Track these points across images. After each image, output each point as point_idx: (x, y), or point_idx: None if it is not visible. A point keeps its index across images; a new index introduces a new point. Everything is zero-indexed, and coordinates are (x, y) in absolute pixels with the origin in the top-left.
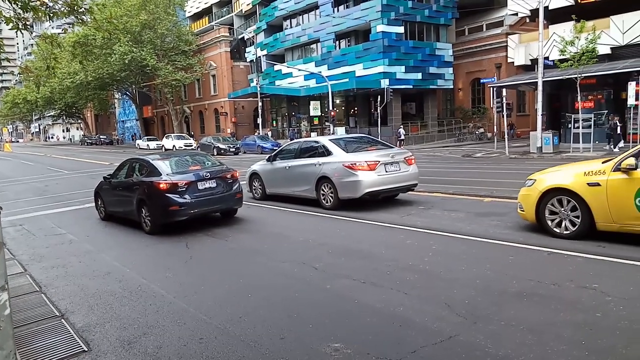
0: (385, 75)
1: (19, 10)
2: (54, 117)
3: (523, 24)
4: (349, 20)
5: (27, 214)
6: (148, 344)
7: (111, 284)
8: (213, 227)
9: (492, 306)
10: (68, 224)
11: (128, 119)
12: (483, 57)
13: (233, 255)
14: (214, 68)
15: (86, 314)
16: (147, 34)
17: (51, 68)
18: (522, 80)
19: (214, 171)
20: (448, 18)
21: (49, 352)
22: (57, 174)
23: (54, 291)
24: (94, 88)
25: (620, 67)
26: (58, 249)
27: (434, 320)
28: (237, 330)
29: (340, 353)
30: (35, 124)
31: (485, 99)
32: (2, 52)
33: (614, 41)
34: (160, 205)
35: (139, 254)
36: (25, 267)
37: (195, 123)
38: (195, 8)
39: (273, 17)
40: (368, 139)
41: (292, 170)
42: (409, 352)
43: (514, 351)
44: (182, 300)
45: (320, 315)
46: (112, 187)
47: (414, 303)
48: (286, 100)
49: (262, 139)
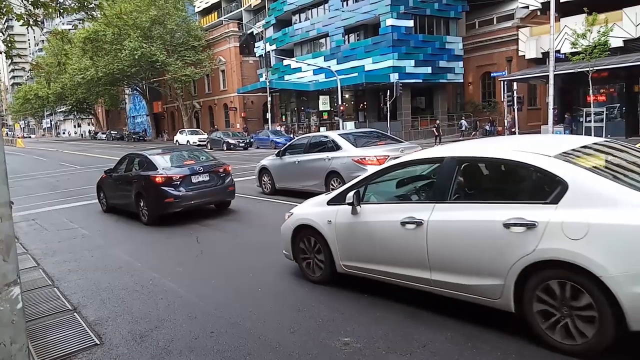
0: (395, 69)
1: (29, 7)
2: (65, 112)
3: (534, 17)
4: (358, 14)
5: (40, 208)
6: (159, 337)
7: (123, 278)
8: (223, 222)
9: None
10: (80, 219)
11: (138, 115)
12: (494, 51)
13: (243, 250)
14: (223, 63)
15: (98, 308)
16: (156, 29)
17: (62, 64)
18: (533, 74)
19: (207, 165)
20: (458, 11)
21: (61, 346)
22: (68, 169)
23: (67, 285)
24: (104, 84)
25: (633, 60)
26: (70, 243)
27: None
28: (247, 324)
29: (350, 347)
30: (46, 120)
31: (495, 93)
32: (13, 48)
33: (627, 34)
34: (156, 197)
35: (150, 248)
36: (38, 262)
37: (205, 118)
38: (204, 3)
39: (282, 11)
40: (377, 134)
41: (301, 165)
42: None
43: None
44: (193, 295)
45: (330, 309)
46: (112, 181)
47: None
48: (295, 95)
49: (276, 134)
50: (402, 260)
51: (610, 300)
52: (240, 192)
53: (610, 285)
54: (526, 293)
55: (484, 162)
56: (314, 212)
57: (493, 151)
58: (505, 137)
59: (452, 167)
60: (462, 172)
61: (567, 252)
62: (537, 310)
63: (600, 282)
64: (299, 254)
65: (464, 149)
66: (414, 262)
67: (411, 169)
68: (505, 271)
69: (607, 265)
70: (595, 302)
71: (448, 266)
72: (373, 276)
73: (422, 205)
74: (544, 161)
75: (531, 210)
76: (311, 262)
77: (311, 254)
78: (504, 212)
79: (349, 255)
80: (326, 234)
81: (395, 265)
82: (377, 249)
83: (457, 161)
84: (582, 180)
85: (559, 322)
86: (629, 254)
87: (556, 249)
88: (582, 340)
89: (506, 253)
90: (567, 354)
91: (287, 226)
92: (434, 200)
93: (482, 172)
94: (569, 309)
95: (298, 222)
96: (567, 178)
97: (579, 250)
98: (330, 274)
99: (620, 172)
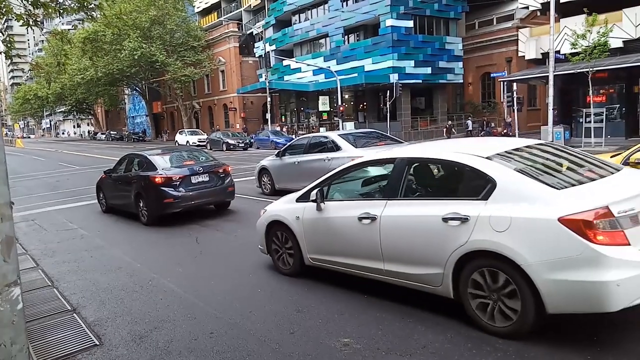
0: (395, 69)
1: (29, 7)
2: (64, 113)
3: (534, 18)
4: (357, 14)
5: (39, 209)
6: (159, 338)
7: (122, 279)
8: (222, 222)
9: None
10: (79, 219)
11: (138, 115)
12: (493, 51)
13: (242, 250)
14: (223, 63)
15: (98, 309)
16: (156, 29)
17: (62, 64)
18: (533, 75)
19: (207, 166)
20: (458, 12)
21: (61, 346)
22: (68, 169)
23: (66, 286)
24: (104, 84)
25: (632, 61)
26: (69, 243)
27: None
28: (247, 324)
29: (349, 348)
30: (46, 120)
31: (495, 94)
32: (13, 48)
33: (627, 34)
34: (155, 198)
35: (149, 249)
36: (37, 262)
37: (205, 118)
38: (204, 3)
39: (282, 12)
40: (377, 134)
41: (301, 166)
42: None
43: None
44: (193, 295)
45: (330, 310)
46: (112, 181)
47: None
48: (295, 96)
49: (276, 134)
50: (360, 252)
51: (530, 286)
52: (239, 192)
53: (529, 273)
54: (462, 280)
55: (429, 163)
56: (285, 209)
57: (436, 152)
58: (460, 139)
59: (403, 167)
60: (411, 171)
61: (493, 243)
62: (470, 296)
63: (521, 270)
64: (271, 248)
65: (413, 151)
66: (369, 253)
67: (372, 168)
68: (444, 261)
69: (526, 255)
70: (517, 288)
71: (397, 257)
72: (336, 268)
73: (377, 202)
74: (477, 162)
75: (465, 206)
76: (282, 256)
77: (282, 248)
78: (444, 208)
79: (314, 249)
80: (295, 229)
81: (354, 257)
82: (338, 242)
83: (406, 162)
84: (508, 178)
85: (489, 306)
86: (543, 244)
87: (484, 240)
88: (508, 323)
89: (445, 244)
90: (497, 335)
91: (261, 222)
92: (387, 197)
93: (428, 171)
94: (496, 295)
95: (270, 218)
96: (495, 177)
97: (503, 242)
98: (300, 267)
99: (543, 172)
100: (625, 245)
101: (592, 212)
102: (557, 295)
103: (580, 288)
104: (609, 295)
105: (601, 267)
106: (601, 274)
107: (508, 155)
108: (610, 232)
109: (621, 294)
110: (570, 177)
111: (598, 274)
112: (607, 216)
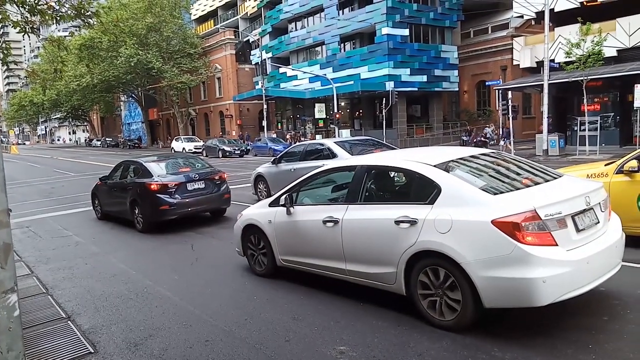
0: (390, 77)
1: (26, 14)
2: (60, 119)
3: (528, 27)
4: (354, 22)
5: (34, 216)
6: (154, 346)
7: (117, 286)
8: (218, 229)
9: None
10: (74, 226)
11: (134, 122)
12: (488, 60)
13: (238, 258)
14: (219, 71)
15: (92, 316)
16: (152, 36)
17: (58, 71)
18: (527, 83)
19: (202, 173)
20: (453, 20)
21: (55, 354)
22: (63, 176)
23: (61, 293)
24: (100, 91)
25: (626, 70)
26: (64, 250)
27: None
28: (242, 332)
29: (345, 356)
30: (41, 127)
31: (490, 102)
32: (9, 55)
33: (620, 43)
34: (151, 205)
35: (145, 256)
36: (32, 269)
37: (201, 125)
38: (200, 11)
39: (278, 19)
40: (373, 142)
41: (297, 173)
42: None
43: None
44: (188, 303)
45: (326, 317)
46: (107, 188)
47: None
48: (291, 103)
49: (274, 141)
50: (324, 253)
51: (469, 282)
52: (236, 199)
53: (468, 270)
54: (412, 278)
55: (384, 170)
56: (259, 213)
57: (390, 160)
58: (416, 148)
59: (362, 174)
60: (369, 178)
61: (437, 244)
62: (419, 293)
63: (461, 268)
64: (247, 250)
65: (372, 159)
66: (333, 254)
67: (339, 174)
68: (397, 260)
69: (464, 254)
70: (458, 284)
71: (357, 257)
72: (304, 268)
73: (340, 206)
74: (425, 169)
75: (415, 209)
76: (256, 258)
77: (256, 250)
78: (396, 212)
79: (285, 251)
80: (267, 232)
81: (320, 258)
82: (306, 244)
83: (365, 169)
84: (451, 184)
85: (436, 302)
86: (479, 244)
87: (430, 241)
88: (452, 317)
89: (397, 245)
90: (443, 328)
91: (238, 226)
92: (349, 202)
93: (385, 178)
94: (441, 291)
95: (246, 222)
96: (440, 183)
97: (445, 242)
98: (272, 268)
99: (483, 179)
100: (552, 246)
101: (521, 215)
102: (492, 291)
103: (511, 284)
104: (537, 291)
105: (529, 265)
106: (529, 271)
107: (455, 163)
108: (538, 233)
109: (548, 290)
110: (506, 184)
111: (526, 272)
112: (535, 219)
